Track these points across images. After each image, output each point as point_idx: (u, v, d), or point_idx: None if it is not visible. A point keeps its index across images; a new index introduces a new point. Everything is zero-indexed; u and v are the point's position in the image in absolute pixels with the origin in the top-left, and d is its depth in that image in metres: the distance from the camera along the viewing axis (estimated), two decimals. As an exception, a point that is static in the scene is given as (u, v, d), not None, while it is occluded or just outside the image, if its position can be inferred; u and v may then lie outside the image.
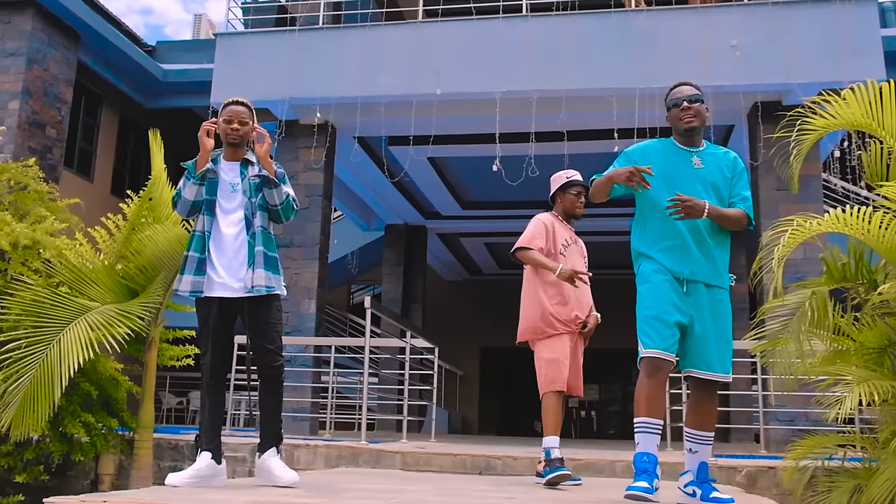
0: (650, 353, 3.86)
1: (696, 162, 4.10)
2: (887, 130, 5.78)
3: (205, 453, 4.17)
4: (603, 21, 9.84)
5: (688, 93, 4.16)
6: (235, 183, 4.37)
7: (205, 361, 4.24)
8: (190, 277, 4.21)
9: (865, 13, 9.35)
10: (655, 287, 3.98)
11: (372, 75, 10.08)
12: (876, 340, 5.68)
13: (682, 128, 4.12)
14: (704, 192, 4.02)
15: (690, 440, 4.05)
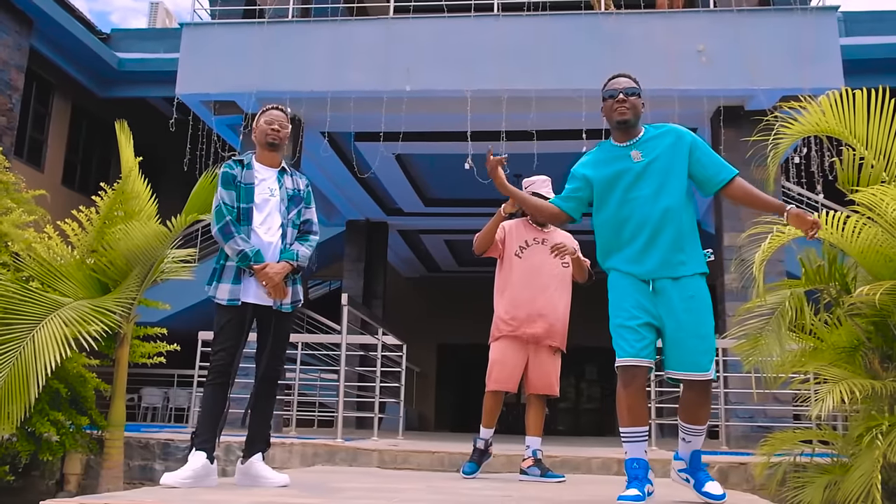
0: (623, 362, 3.79)
1: (635, 156, 3.91)
2: (858, 138, 5.94)
3: (200, 453, 4.14)
4: (573, 22, 9.93)
5: (624, 85, 3.99)
6: (273, 189, 4.38)
7: (218, 359, 4.20)
8: (227, 286, 4.23)
9: (825, 22, 9.61)
10: (619, 294, 3.90)
11: (342, 70, 10.03)
12: (847, 340, 5.86)
13: (615, 119, 3.96)
14: (653, 185, 3.85)
15: (684, 432, 4.02)
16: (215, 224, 4.25)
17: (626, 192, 3.88)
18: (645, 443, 3.87)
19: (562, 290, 5.53)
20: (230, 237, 4.22)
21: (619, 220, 3.91)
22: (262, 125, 4.44)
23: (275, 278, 4.22)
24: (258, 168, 4.41)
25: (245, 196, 4.30)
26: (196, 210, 6.17)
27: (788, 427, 9.53)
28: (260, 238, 4.29)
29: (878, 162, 5.80)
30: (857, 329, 5.77)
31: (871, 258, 5.46)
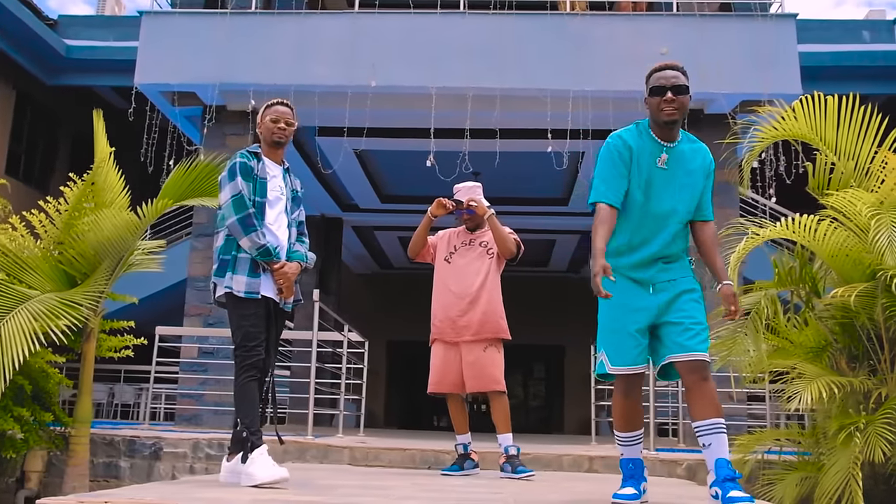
0: (618, 371, 3.73)
1: (662, 160, 3.73)
2: (827, 144, 6.11)
3: (264, 446, 4.06)
4: (539, 22, 9.99)
5: (673, 80, 3.74)
6: (282, 186, 4.33)
7: (256, 354, 4.09)
8: (243, 278, 4.11)
9: (784, 29, 9.85)
10: (618, 299, 3.67)
11: (306, 64, 9.93)
12: (814, 341, 6.03)
13: (663, 119, 3.73)
14: (670, 192, 3.73)
15: (699, 433, 3.66)
16: (235, 213, 4.09)
17: (646, 194, 3.73)
18: (640, 444, 3.90)
19: (489, 283, 5.49)
20: (252, 229, 4.09)
21: (631, 218, 3.75)
22: (267, 122, 4.34)
23: (292, 277, 4.18)
24: (268, 164, 4.33)
25: (260, 190, 4.21)
26: (170, 197, 6.04)
27: (743, 425, 9.81)
28: (274, 235, 4.22)
29: (847, 167, 5.98)
30: (824, 329, 5.94)
31: (840, 260, 5.62)
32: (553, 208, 14.26)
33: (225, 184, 4.21)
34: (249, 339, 4.08)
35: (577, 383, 18.67)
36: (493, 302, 5.47)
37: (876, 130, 5.91)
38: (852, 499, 4.72)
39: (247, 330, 4.09)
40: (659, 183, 3.73)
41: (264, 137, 4.38)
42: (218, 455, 6.74)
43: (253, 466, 4.03)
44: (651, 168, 3.73)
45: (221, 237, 4.24)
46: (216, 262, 4.24)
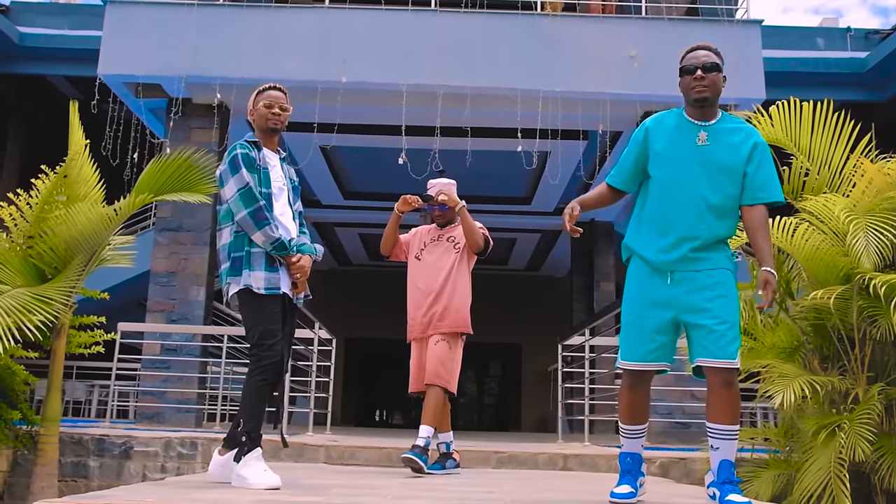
0: (626, 366, 3.73)
1: (701, 138, 3.68)
2: (801, 150, 6.24)
3: (258, 450, 4.00)
4: (510, 21, 10.02)
5: (703, 59, 3.75)
6: (283, 176, 4.21)
7: (274, 355, 3.95)
8: (262, 273, 3.96)
9: (750, 35, 10.03)
10: (634, 287, 3.75)
11: (275, 58, 9.81)
12: (786, 341, 6.16)
13: (693, 97, 3.73)
14: (705, 174, 3.65)
15: (711, 436, 3.68)
16: (244, 207, 3.94)
17: (677, 170, 3.68)
18: (643, 438, 3.91)
19: (453, 277, 5.46)
20: (265, 223, 3.95)
21: (661, 200, 3.72)
22: (260, 109, 4.19)
23: (308, 271, 4.10)
24: (267, 153, 4.20)
25: (265, 181, 4.07)
26: (148, 192, 5.92)
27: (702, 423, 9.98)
28: (286, 227, 4.10)
29: (822, 172, 6.11)
30: (797, 330, 6.08)
31: (815, 263, 5.74)
32: (516, 207, 14.34)
33: (227, 178, 4.03)
34: (268, 337, 3.94)
35: (535, 381, 18.83)
36: (457, 296, 5.43)
37: (848, 136, 6.06)
38: (834, 497, 4.83)
39: (265, 328, 3.94)
40: (697, 165, 3.66)
41: (258, 125, 4.22)
42: (190, 454, 6.65)
43: (246, 469, 3.96)
44: (685, 146, 3.69)
45: (228, 233, 4.08)
46: (226, 261, 4.07)
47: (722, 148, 3.67)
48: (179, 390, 9.59)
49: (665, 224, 3.68)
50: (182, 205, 9.20)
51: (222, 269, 4.11)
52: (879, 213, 5.43)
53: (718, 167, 3.65)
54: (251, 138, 4.22)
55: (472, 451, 6.63)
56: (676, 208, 3.66)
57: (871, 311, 5.28)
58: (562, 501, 3.87)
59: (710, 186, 3.65)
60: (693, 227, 3.64)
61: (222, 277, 4.11)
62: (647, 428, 3.94)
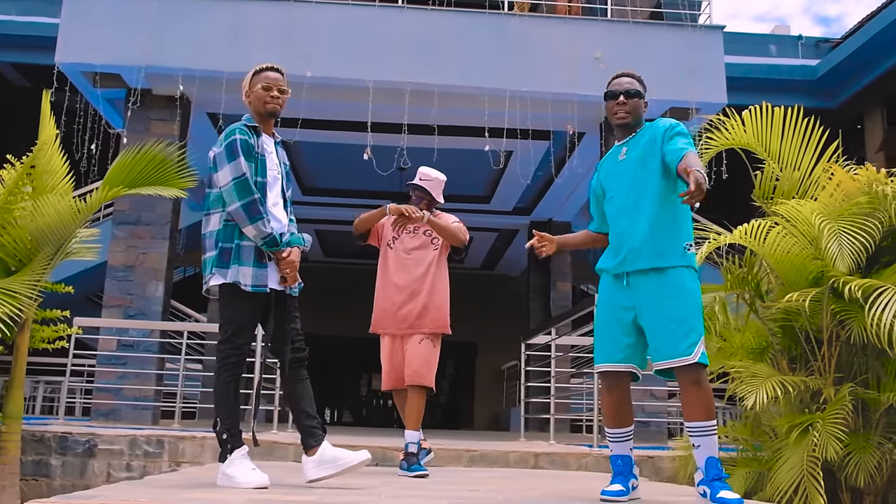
0: (599, 368, 3.90)
1: (621, 154, 3.96)
2: (771, 154, 6.38)
3: (244, 447, 3.92)
4: (478, 20, 10.02)
5: (626, 86, 4.01)
6: (277, 163, 4.08)
7: (242, 353, 3.90)
8: (250, 269, 3.85)
9: (712, 40, 10.19)
10: (600, 297, 3.98)
11: (240, 50, 9.64)
12: (755, 342, 6.28)
13: (615, 122, 4.02)
14: (632, 180, 3.86)
15: (690, 434, 3.76)
16: (238, 199, 3.81)
17: (612, 190, 3.97)
18: (630, 441, 3.96)
19: (432, 274, 5.38)
20: (259, 217, 3.83)
21: (611, 220, 3.98)
22: (258, 91, 4.03)
23: (297, 265, 4.00)
24: (265, 139, 4.05)
25: (260, 170, 3.93)
26: (120, 184, 5.78)
27: (663, 422, 10.13)
28: (276, 218, 3.98)
29: (792, 176, 6.24)
30: (765, 331, 6.20)
31: (786, 266, 5.86)
32: (475, 206, 14.35)
33: (223, 163, 3.88)
34: (241, 336, 3.88)
35: (488, 380, 18.89)
36: (437, 295, 5.36)
37: (817, 142, 6.20)
38: (807, 495, 4.93)
39: (241, 325, 3.88)
40: (620, 177, 3.94)
41: (255, 108, 4.06)
42: (156, 453, 6.52)
43: (233, 468, 3.89)
44: (613, 168, 4.00)
45: (217, 221, 3.94)
46: (212, 250, 3.93)
47: (638, 150, 3.91)
48: (136, 387, 9.37)
49: (617, 237, 3.91)
50: (141, 198, 9.01)
51: (207, 256, 3.97)
52: (849, 217, 5.57)
53: (639, 166, 3.87)
54: (250, 122, 4.05)
55: (444, 449, 6.62)
56: (621, 219, 3.89)
57: (843, 313, 5.41)
58: (555, 500, 3.88)
59: (640, 188, 3.84)
60: (625, 231, 3.85)
61: (206, 266, 3.98)
62: (632, 431, 4.00)
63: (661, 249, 3.77)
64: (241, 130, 3.94)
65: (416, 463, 5.10)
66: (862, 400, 5.50)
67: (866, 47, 13.57)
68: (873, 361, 5.74)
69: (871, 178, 5.63)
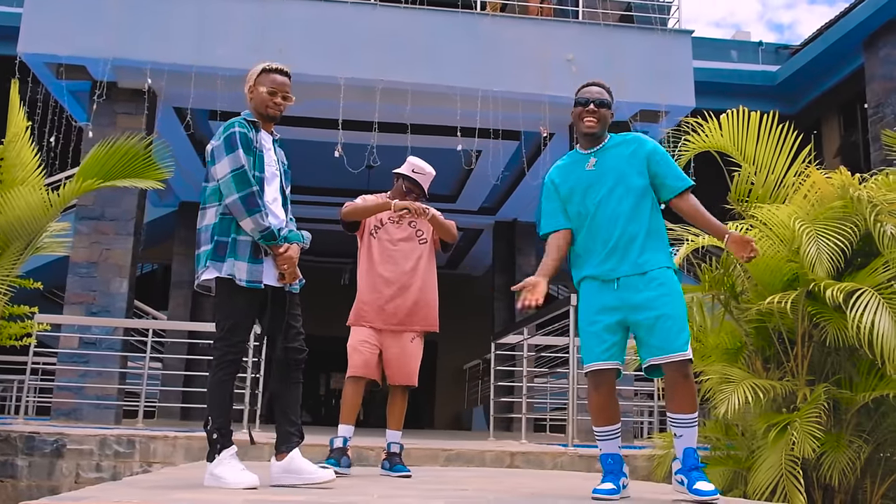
0: (587, 368, 3.91)
1: (590, 164, 4.01)
2: (746, 158, 6.47)
3: (233, 447, 3.81)
4: (450, 19, 10.02)
5: (596, 95, 4.01)
6: (276, 160, 4.02)
7: (237, 350, 3.81)
8: (245, 265, 3.76)
9: (681, 44, 10.33)
10: (585, 302, 3.99)
11: (209, 45, 9.53)
12: (730, 342, 6.37)
13: (583, 131, 4.03)
14: (603, 189, 3.94)
15: (673, 425, 3.90)
16: (236, 192, 3.74)
17: (583, 199, 3.98)
18: (618, 439, 4.01)
19: (422, 269, 5.17)
20: (256, 210, 3.75)
21: (583, 231, 3.99)
22: (262, 93, 3.98)
23: (296, 261, 3.91)
24: (263, 135, 4.00)
25: (259, 165, 3.88)
26: (95, 177, 5.65)
27: (629, 421, 10.23)
28: (274, 214, 3.92)
29: (768, 179, 6.34)
30: (740, 332, 6.29)
31: (761, 268, 5.95)
32: (441, 205, 14.28)
33: (221, 156, 3.82)
34: (236, 332, 3.79)
35: (450, 379, 18.89)
36: (429, 292, 5.17)
37: (791, 146, 6.31)
38: (787, 493, 5.02)
39: (236, 321, 3.80)
40: (595, 187, 3.97)
41: (256, 106, 4.01)
42: (127, 453, 6.40)
43: (221, 468, 3.80)
44: (582, 177, 4.01)
45: (213, 214, 3.88)
46: (208, 243, 3.85)
47: (612, 161, 3.99)
48: (99, 385, 9.19)
49: (595, 248, 3.95)
50: (106, 192, 8.85)
51: (202, 250, 3.89)
52: (824, 220, 5.67)
53: (616, 178, 3.95)
54: (249, 117, 4.00)
55: (419, 448, 6.60)
56: (597, 230, 3.94)
57: (820, 315, 5.50)
58: (550, 499, 3.89)
59: (614, 198, 3.94)
60: (620, 237, 3.91)
61: (200, 260, 3.90)
62: (619, 428, 4.05)
63: (650, 254, 3.91)
64: (240, 123, 3.89)
65: (399, 463, 5.01)
66: (834, 399, 5.61)
67: (825, 55, 13.87)
68: (845, 362, 5.87)
69: (846, 183, 5.73)
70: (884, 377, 5.46)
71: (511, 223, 15.19)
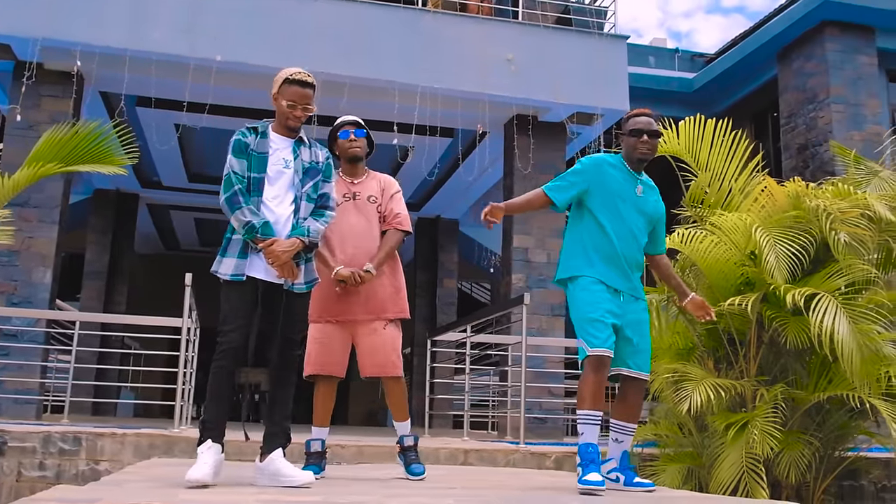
0: (597, 352, 4.16)
1: (639, 190, 4.45)
2: (700, 164, 6.69)
3: (216, 444, 3.76)
4: (392, 14, 9.96)
5: (652, 127, 4.44)
6: (288, 160, 4.02)
7: (229, 341, 3.81)
8: (233, 260, 3.91)
9: (616, 48, 10.57)
10: (594, 294, 4.28)
11: (143, 28, 9.18)
12: (682, 343, 6.58)
13: (636, 158, 4.44)
14: (640, 218, 4.43)
15: (616, 430, 4.43)
16: (223, 193, 3.92)
17: (625, 214, 4.38)
18: (599, 427, 4.25)
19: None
20: (237, 207, 3.85)
21: (610, 235, 4.35)
22: (283, 104, 4.03)
23: (282, 256, 3.85)
24: (273, 138, 4.07)
25: (257, 165, 3.96)
26: (51, 160, 5.38)
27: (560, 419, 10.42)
28: (272, 211, 3.95)
29: (722, 187, 6.56)
30: (692, 333, 6.50)
31: (715, 272, 6.17)
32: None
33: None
34: (226, 323, 3.86)
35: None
36: (397, 277, 4.82)
37: (743, 152, 6.56)
38: (749, 490, 5.22)
39: (226, 314, 3.89)
40: (631, 208, 4.41)
41: (277, 115, 4.11)
42: (73, 450, 6.12)
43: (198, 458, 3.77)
44: (624, 194, 4.41)
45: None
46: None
47: (650, 202, 4.50)
48: (19, 379, 8.76)
49: (618, 256, 4.35)
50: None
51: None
52: (779, 228, 5.91)
53: (646, 216, 4.48)
54: (260, 124, 4.11)
55: (375, 446, 6.56)
56: (625, 244, 4.36)
57: (777, 319, 5.74)
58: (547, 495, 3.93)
59: (640, 230, 4.45)
60: (635, 260, 4.42)
61: None
62: (602, 416, 4.31)
63: (639, 285, 4.50)
64: (240, 132, 4.05)
65: (414, 461, 4.68)
66: (784, 399, 5.86)
67: (740, 65, 14.42)
68: (794, 363, 6.15)
69: (799, 192, 5.99)
70: (833, 379, 5.75)
71: (434, 220, 15.23)
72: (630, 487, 4.30)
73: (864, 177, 6.66)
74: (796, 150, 13.23)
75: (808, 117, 13.06)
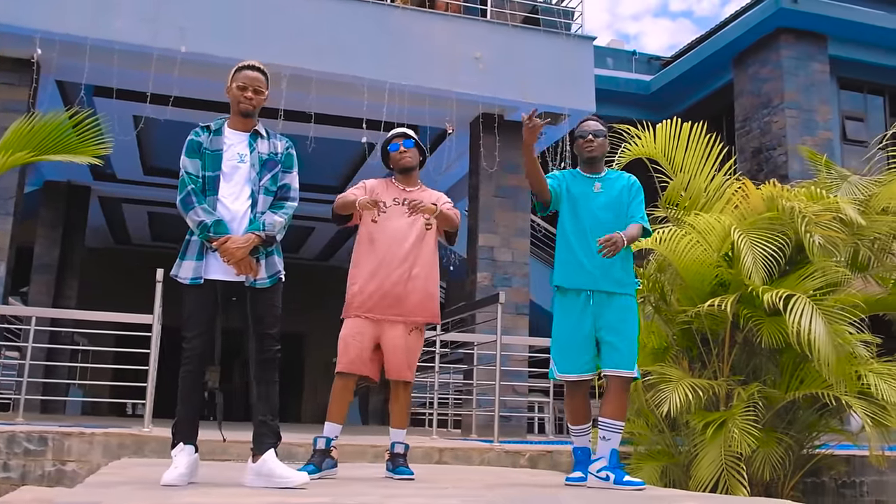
0: (563, 378, 4.65)
1: (596, 187, 4.72)
2: (675, 166, 6.78)
3: (188, 446, 3.80)
4: (360, 9, 9.86)
5: (593, 128, 4.78)
6: (244, 154, 3.97)
7: (193, 347, 3.81)
8: (192, 263, 3.89)
9: (583, 49, 10.63)
10: (562, 315, 4.64)
11: (107, 17, 8.94)
12: (657, 343, 6.65)
13: (585, 156, 4.76)
14: (605, 212, 4.65)
15: (604, 429, 4.52)
16: (178, 194, 3.93)
17: (584, 214, 4.64)
18: (589, 435, 4.69)
19: (428, 256, 4.78)
20: (190, 208, 3.86)
21: (574, 238, 4.63)
22: (234, 90, 4.04)
23: (236, 253, 3.79)
24: (228, 134, 4.02)
25: (211, 164, 3.93)
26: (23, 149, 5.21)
27: (523, 416, 10.46)
28: (227, 208, 3.90)
29: (697, 188, 6.65)
30: (667, 333, 6.58)
31: (691, 272, 6.25)
32: (323, 195, 14.06)
33: None
34: (188, 328, 3.86)
35: (318, 373, 18.60)
36: (431, 282, 4.77)
37: (717, 155, 6.66)
38: (728, 486, 5.30)
39: (187, 319, 3.89)
40: (590, 206, 4.65)
41: (231, 105, 4.08)
42: (38, 451, 5.92)
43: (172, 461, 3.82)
44: (582, 196, 4.69)
45: None
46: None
47: (614, 188, 4.73)
48: (-29, 379, 8.48)
49: (575, 257, 4.59)
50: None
51: None
52: (756, 230, 6.01)
53: (611, 206, 4.67)
54: (207, 122, 4.11)
55: (348, 445, 6.47)
56: (583, 243, 4.58)
57: (753, 319, 5.83)
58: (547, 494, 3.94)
59: (608, 221, 4.59)
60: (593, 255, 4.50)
61: None
62: (590, 427, 4.74)
63: (621, 277, 4.59)
64: (194, 132, 4.04)
65: (402, 465, 4.67)
66: (760, 397, 5.96)
67: (697, 68, 14.67)
68: (767, 363, 6.26)
69: (775, 194, 6.10)
70: (804, 378, 5.87)
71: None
72: (620, 486, 4.37)
73: (833, 181, 6.81)
74: (751, 153, 13.51)
75: (762, 122, 13.34)
